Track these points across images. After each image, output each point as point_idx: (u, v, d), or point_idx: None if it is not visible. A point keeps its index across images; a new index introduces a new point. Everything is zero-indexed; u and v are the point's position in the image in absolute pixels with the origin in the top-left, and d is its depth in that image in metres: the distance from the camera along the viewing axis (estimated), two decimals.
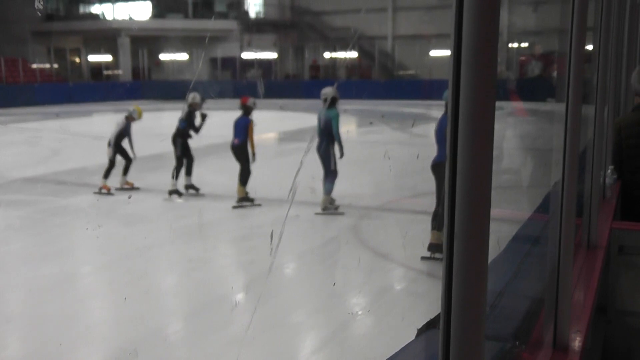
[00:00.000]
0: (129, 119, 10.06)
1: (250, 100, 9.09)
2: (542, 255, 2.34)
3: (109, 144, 9.95)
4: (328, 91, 8.45)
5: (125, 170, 10.05)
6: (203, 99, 10.03)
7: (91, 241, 7.41)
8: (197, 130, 9.75)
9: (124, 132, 9.98)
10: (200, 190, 9.71)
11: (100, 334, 5.07)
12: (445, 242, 0.92)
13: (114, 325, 5.22)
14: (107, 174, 9.87)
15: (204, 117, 9.73)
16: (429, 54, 33.67)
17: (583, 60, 1.88)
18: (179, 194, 9.53)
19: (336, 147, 8.39)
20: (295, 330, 5.10)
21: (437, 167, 6.52)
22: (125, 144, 10.07)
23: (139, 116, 10.17)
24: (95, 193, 9.75)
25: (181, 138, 9.69)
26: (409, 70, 36.82)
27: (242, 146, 9.00)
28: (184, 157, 9.69)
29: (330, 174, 8.39)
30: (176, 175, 9.57)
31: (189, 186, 9.69)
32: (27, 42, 33.77)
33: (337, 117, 8.41)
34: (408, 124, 21.17)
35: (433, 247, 6.42)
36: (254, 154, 9.02)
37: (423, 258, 6.45)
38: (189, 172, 9.73)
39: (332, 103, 8.42)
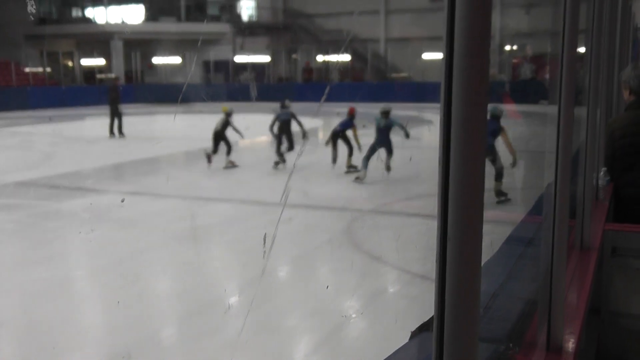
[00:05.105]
0: None
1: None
2: (535, 257, 2.34)
3: None
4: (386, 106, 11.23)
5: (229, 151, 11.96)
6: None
7: (84, 245, 7.38)
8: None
9: None
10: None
11: (93, 338, 5.05)
12: (438, 244, 0.92)
13: (107, 330, 5.20)
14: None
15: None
16: (421, 57, 33.75)
17: (575, 62, 1.89)
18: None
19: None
20: (289, 333, 5.09)
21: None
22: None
23: None
24: (224, 168, 11.48)
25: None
26: (401, 72, 36.89)
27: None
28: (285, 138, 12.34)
29: (391, 152, 10.68)
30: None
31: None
32: (20, 45, 33.70)
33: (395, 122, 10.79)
34: None
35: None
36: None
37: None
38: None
39: (387, 114, 10.99)
